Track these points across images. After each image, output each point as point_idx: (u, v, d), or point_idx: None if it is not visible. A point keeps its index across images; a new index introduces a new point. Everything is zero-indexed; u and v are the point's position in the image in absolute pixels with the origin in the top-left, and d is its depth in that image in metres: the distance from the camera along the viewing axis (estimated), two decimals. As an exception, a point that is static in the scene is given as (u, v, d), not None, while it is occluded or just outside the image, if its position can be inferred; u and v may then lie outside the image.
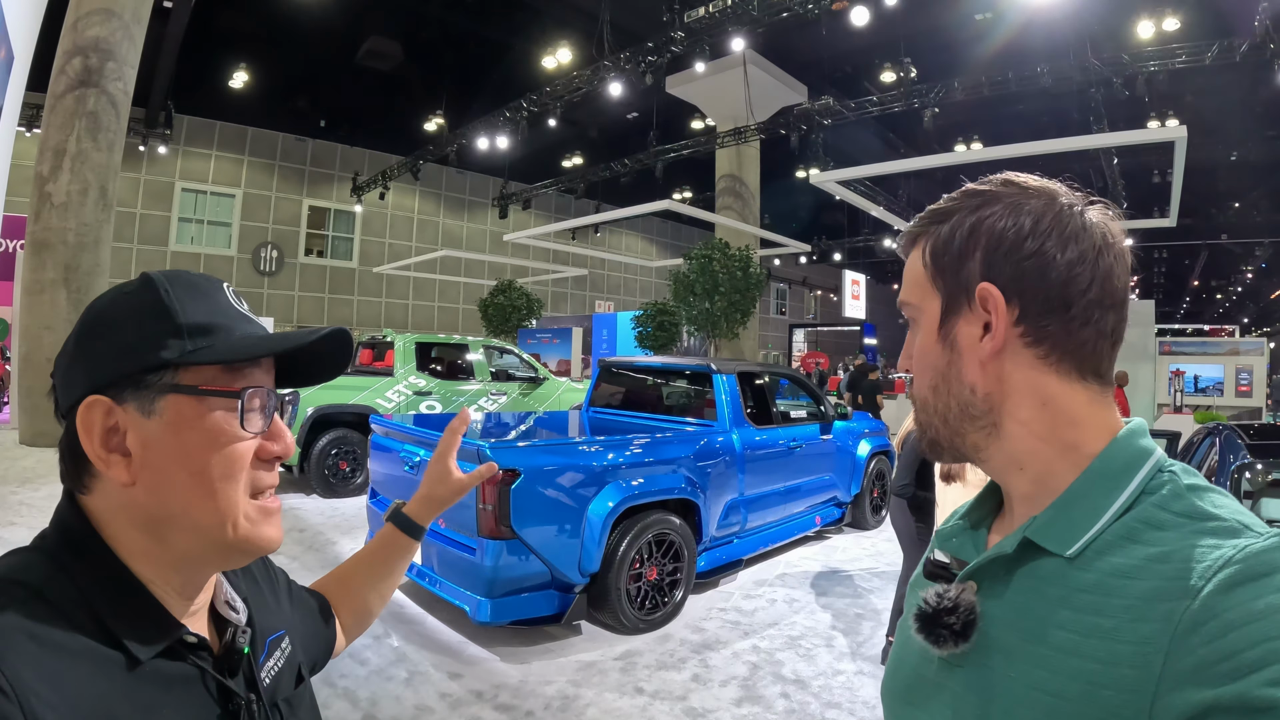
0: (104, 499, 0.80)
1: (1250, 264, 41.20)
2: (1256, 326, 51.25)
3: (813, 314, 55.03)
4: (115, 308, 0.82)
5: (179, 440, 0.79)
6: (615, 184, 27.96)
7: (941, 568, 0.87)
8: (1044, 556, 0.76)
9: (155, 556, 0.80)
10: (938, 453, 0.88)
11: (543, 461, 4.92)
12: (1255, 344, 17.87)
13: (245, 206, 29.54)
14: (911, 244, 0.89)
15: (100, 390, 0.77)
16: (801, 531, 7.54)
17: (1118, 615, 0.67)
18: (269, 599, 1.03)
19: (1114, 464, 0.77)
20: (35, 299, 12.73)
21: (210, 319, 0.83)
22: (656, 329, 20.32)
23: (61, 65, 12.76)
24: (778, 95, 24.59)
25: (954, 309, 0.84)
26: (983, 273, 0.81)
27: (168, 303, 0.80)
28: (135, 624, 0.76)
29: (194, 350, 0.80)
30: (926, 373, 0.87)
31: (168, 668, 0.78)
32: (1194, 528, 0.69)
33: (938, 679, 0.83)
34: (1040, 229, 0.79)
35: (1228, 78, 19.50)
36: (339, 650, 1.27)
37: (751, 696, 4.38)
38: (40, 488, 9.07)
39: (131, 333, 0.79)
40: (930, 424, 0.87)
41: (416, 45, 24.30)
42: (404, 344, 10.31)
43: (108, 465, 0.77)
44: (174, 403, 0.79)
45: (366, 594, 1.32)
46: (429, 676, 4.50)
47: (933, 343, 0.86)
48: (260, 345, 0.84)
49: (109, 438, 0.78)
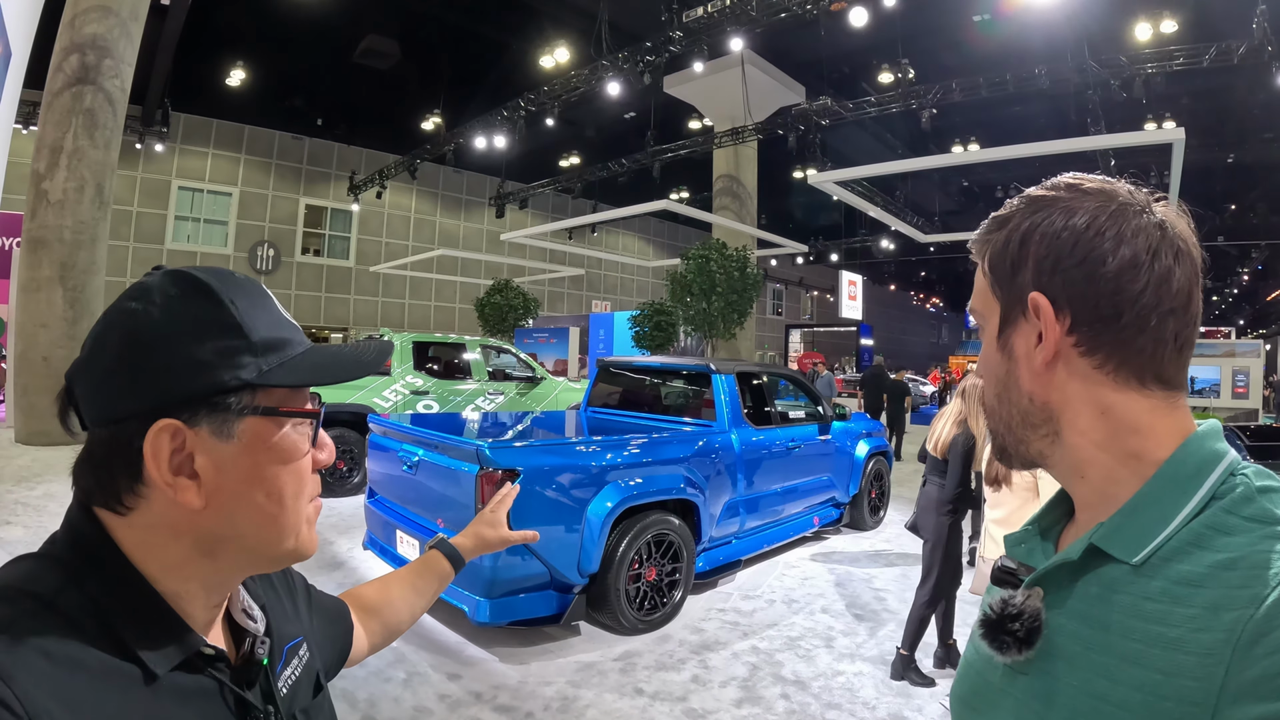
0: (149, 518, 0.74)
1: (1246, 266, 41.30)
2: (1253, 328, 51.43)
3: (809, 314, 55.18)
4: (171, 317, 0.75)
5: (254, 461, 0.77)
6: (612, 184, 27.96)
7: (1009, 573, 0.86)
8: (1110, 563, 0.74)
9: (194, 572, 0.78)
10: (1007, 459, 0.88)
11: (542, 462, 4.90)
12: (1251, 345, 17.94)
13: (242, 205, 29.52)
14: (978, 252, 0.88)
15: (165, 411, 0.72)
16: (800, 532, 7.53)
17: (1182, 625, 0.65)
18: (287, 605, 1.01)
19: (1183, 469, 0.74)
20: (31, 297, 12.71)
21: (275, 333, 0.80)
22: (654, 329, 20.32)
23: (59, 62, 12.74)
24: (776, 95, 24.61)
25: (1011, 318, 0.82)
26: (1034, 281, 0.79)
27: (237, 317, 0.76)
28: (152, 637, 0.72)
29: (269, 371, 0.78)
30: (990, 381, 0.87)
31: (184, 681, 0.75)
32: (1264, 532, 0.66)
33: (1001, 685, 0.82)
34: (1090, 235, 0.76)
35: (1225, 80, 19.57)
36: (360, 658, 1.27)
37: (751, 697, 4.37)
38: (36, 487, 9.04)
39: (201, 349, 0.74)
40: (998, 431, 0.87)
41: (414, 44, 24.28)
42: (401, 343, 10.28)
43: (176, 490, 0.73)
44: (252, 425, 0.77)
45: (401, 609, 1.38)
46: (427, 677, 4.48)
47: (993, 351, 0.85)
48: (335, 371, 0.84)
49: (176, 461, 0.73)
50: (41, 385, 12.38)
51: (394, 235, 34.31)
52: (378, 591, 1.36)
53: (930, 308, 74.47)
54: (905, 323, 70.05)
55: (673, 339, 20.72)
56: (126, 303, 0.76)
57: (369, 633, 1.29)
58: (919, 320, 74.68)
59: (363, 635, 1.27)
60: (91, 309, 13.04)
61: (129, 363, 0.73)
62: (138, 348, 0.73)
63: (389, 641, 1.38)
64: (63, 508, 0.80)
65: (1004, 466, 1.00)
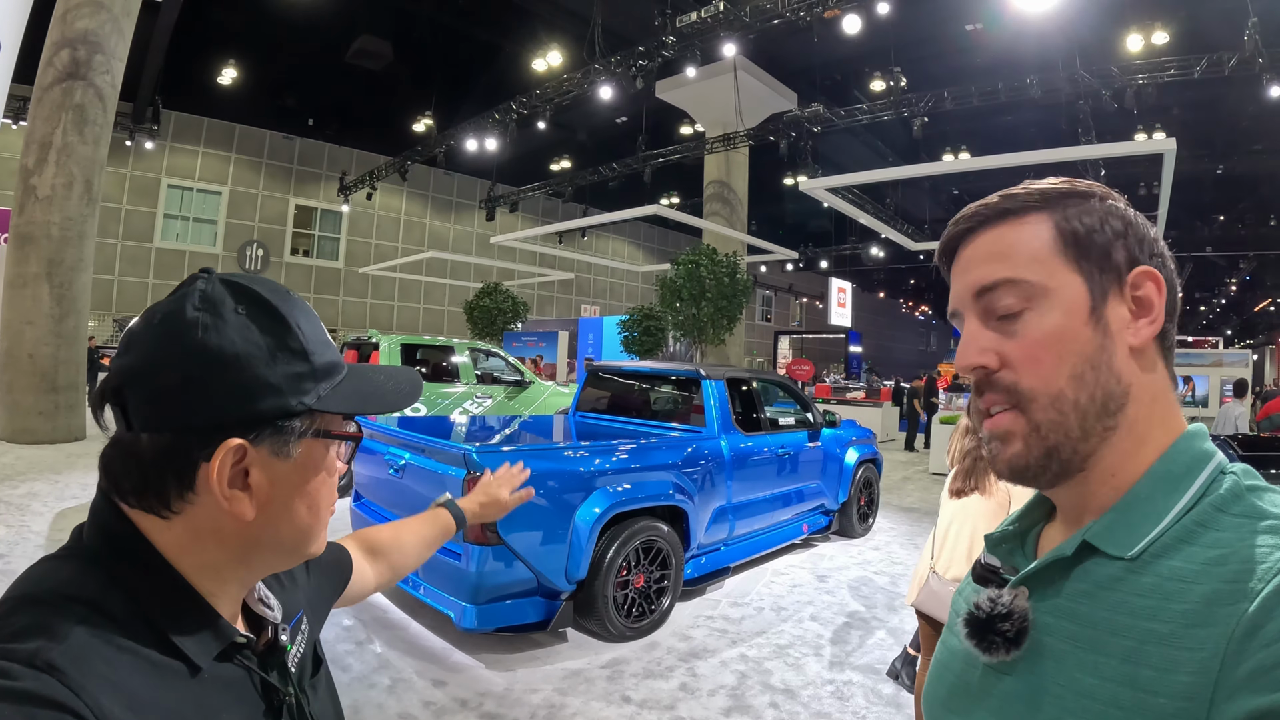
0: (192, 522, 0.77)
1: (1235, 276, 41.60)
2: (1240, 338, 51.70)
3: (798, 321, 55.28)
4: (243, 336, 0.77)
5: (302, 476, 0.82)
6: (603, 188, 27.93)
7: (992, 572, 0.85)
8: (1102, 561, 0.73)
9: (228, 572, 0.82)
10: (1046, 464, 0.77)
11: (529, 467, 4.84)
12: (1240, 356, 18.00)
13: (231, 204, 29.47)
14: (1015, 218, 0.81)
15: (232, 429, 0.75)
16: (789, 539, 7.50)
17: (1175, 621, 0.65)
18: (284, 580, 1.04)
19: (1176, 466, 0.74)
20: (17, 293, 12.63)
21: (330, 357, 0.85)
22: (643, 334, 20.28)
23: (49, 57, 12.67)
24: (768, 102, 24.67)
25: (1104, 291, 0.78)
26: (1130, 258, 0.78)
27: (303, 342, 0.81)
28: (193, 632, 0.76)
29: (326, 396, 0.83)
30: (1067, 360, 0.76)
31: (223, 670, 0.79)
32: (1253, 527, 0.67)
33: (983, 686, 0.80)
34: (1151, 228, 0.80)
35: (1216, 91, 19.70)
36: (365, 594, 1.36)
37: (740, 706, 4.34)
38: (19, 485, 8.94)
39: (273, 372, 0.78)
40: (1057, 425, 0.76)
41: (406, 45, 24.22)
42: (389, 345, 10.26)
43: (232, 503, 0.76)
44: (308, 446, 0.82)
45: (410, 554, 1.49)
46: (412, 684, 4.44)
47: (1080, 325, 0.76)
48: (379, 400, 0.91)
49: (232, 474, 0.76)
50: (27, 383, 12.32)
51: (383, 237, 34.29)
52: (390, 535, 1.47)
53: (919, 315, 74.74)
54: (894, 330, 70.30)
55: (661, 344, 20.71)
56: (190, 312, 0.76)
57: (376, 572, 1.39)
58: (907, 328, 74.96)
59: (370, 573, 1.37)
60: (78, 306, 13.00)
61: (201, 378, 0.75)
62: (211, 365, 0.75)
63: (394, 582, 1.48)
64: (46, 507, 0.80)
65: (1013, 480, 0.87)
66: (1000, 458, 0.79)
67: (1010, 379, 0.78)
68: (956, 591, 0.94)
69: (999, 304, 0.79)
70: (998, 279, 0.79)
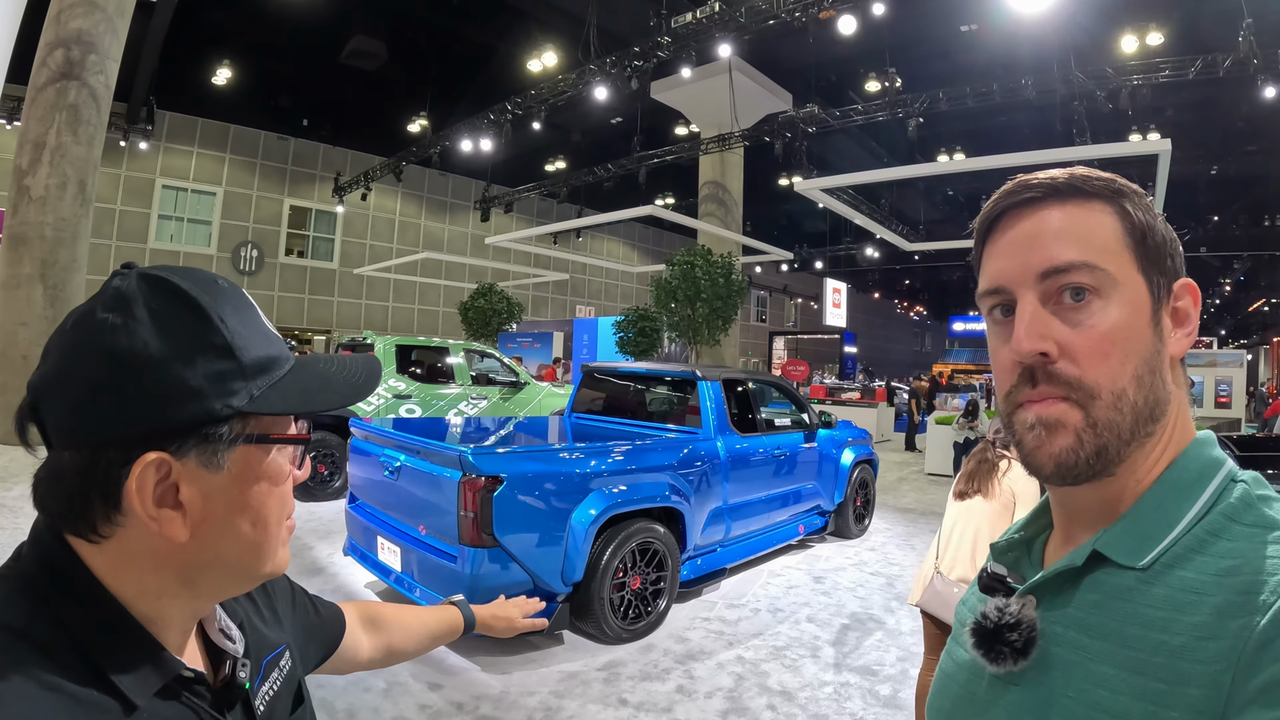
0: (125, 545, 0.69)
1: (1229, 277, 41.70)
2: (1234, 339, 51.85)
3: (793, 321, 55.27)
4: (157, 336, 0.68)
5: (240, 488, 0.74)
6: (598, 189, 27.91)
7: (999, 580, 0.83)
8: (1112, 570, 0.72)
9: (171, 598, 0.73)
10: (1093, 464, 0.73)
11: (526, 468, 4.85)
12: (1234, 356, 18.07)
13: (226, 205, 29.32)
14: (1084, 201, 0.77)
15: (151, 441, 0.67)
16: (785, 540, 7.50)
17: (1187, 633, 0.63)
18: (265, 613, 0.97)
19: (1187, 474, 0.73)
20: (11, 294, 12.60)
21: (263, 350, 0.75)
22: (638, 335, 20.29)
23: (43, 57, 12.65)
24: (763, 102, 24.68)
25: (1159, 296, 0.76)
26: (1175, 269, 0.78)
27: (228, 337, 0.71)
28: (130, 664, 0.68)
29: (260, 396, 0.73)
30: (1132, 359, 0.73)
31: (163, 709, 0.70)
32: (1264, 538, 0.65)
33: (988, 697, 0.79)
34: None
35: (1210, 92, 19.73)
36: (354, 666, 1.29)
37: (737, 708, 4.33)
38: (13, 488, 8.93)
39: (192, 374, 0.69)
40: (1114, 424, 0.72)
41: (401, 46, 24.21)
42: (384, 346, 10.22)
43: (160, 523, 0.68)
44: (243, 453, 0.73)
45: (410, 637, 1.42)
46: (408, 687, 4.42)
47: (1144, 325, 0.74)
48: (327, 396, 0.80)
49: (159, 492, 0.68)
50: (20, 384, 11.99)
51: (378, 237, 34.18)
52: (395, 614, 1.41)
53: (914, 316, 74.82)
54: (889, 330, 70.31)
55: (656, 345, 20.70)
56: (103, 314, 0.68)
57: (372, 646, 1.32)
58: (902, 328, 74.99)
59: (365, 645, 1.29)
60: (72, 307, 12.87)
61: (111, 386, 0.67)
62: (121, 370, 0.67)
63: (386, 664, 1.39)
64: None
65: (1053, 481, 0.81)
66: (1044, 449, 0.74)
67: (1073, 372, 0.73)
68: (960, 601, 0.92)
69: (1070, 287, 0.74)
70: (1073, 260, 0.73)
